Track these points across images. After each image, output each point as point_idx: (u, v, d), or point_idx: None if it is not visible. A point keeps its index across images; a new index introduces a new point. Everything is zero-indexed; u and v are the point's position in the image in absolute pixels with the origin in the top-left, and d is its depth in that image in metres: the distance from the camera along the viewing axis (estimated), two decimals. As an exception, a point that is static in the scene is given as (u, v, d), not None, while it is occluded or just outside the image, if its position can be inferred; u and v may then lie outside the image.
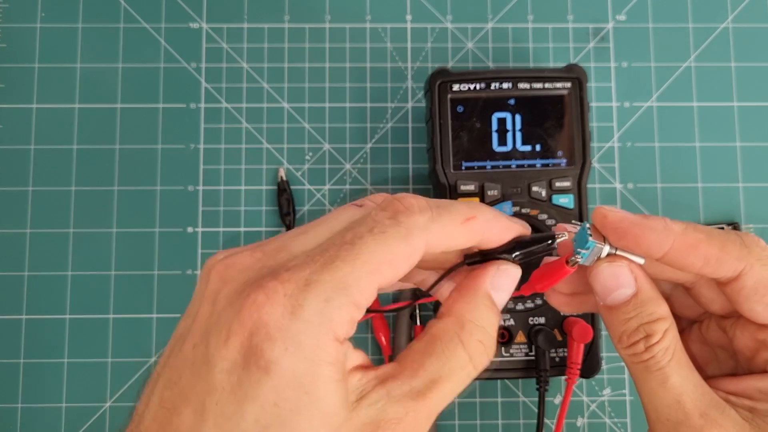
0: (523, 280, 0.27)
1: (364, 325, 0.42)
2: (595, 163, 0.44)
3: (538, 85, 0.40)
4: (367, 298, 0.22)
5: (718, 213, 0.44)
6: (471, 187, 0.39)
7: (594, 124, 0.44)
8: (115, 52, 0.44)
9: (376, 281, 0.22)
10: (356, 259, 0.21)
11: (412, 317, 0.41)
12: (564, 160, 0.39)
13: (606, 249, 0.25)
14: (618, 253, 0.25)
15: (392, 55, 0.45)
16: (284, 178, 0.43)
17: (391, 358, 0.41)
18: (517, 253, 0.26)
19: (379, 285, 0.22)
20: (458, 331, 0.23)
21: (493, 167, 0.39)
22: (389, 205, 0.23)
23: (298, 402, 0.21)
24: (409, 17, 0.45)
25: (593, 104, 0.44)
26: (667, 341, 0.25)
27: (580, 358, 0.37)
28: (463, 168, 0.39)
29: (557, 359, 0.39)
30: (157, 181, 0.43)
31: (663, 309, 0.25)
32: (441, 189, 0.39)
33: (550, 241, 0.26)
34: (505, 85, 0.39)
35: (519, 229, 0.26)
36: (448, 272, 0.26)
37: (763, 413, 0.24)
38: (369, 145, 0.44)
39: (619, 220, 0.25)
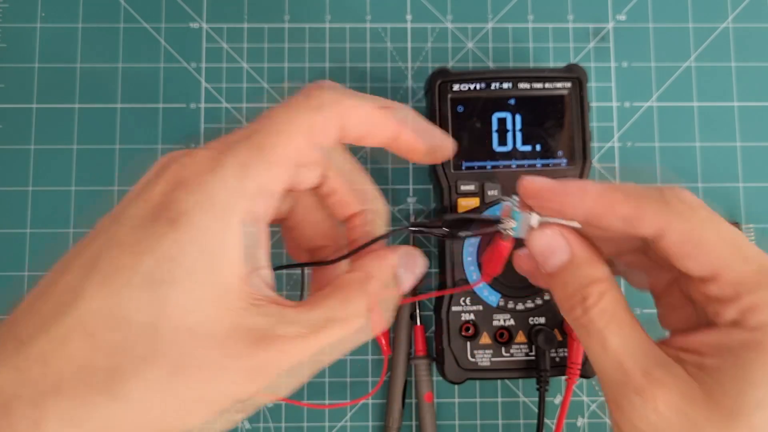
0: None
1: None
2: (596, 163, 0.44)
3: (539, 85, 0.40)
4: (285, 165, 0.22)
5: (718, 212, 0.44)
6: (471, 187, 0.39)
7: (594, 124, 0.44)
8: (115, 52, 0.44)
9: (290, 145, 0.22)
10: (269, 126, 0.22)
11: (412, 317, 0.41)
12: (564, 160, 0.39)
13: (534, 218, 0.25)
14: (551, 220, 0.25)
15: (392, 55, 0.45)
16: None
17: (391, 359, 0.41)
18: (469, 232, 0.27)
19: (296, 155, 0.23)
20: (363, 282, 0.24)
21: (493, 167, 0.39)
22: (305, 87, 0.24)
23: (196, 262, 0.20)
24: (409, 17, 0.45)
25: (593, 104, 0.44)
26: (605, 303, 0.25)
27: (580, 358, 0.37)
28: (463, 168, 0.39)
29: (557, 359, 0.39)
30: (157, 181, 0.43)
31: (599, 271, 0.25)
32: (441, 189, 0.39)
33: (497, 222, 0.26)
34: (505, 85, 0.39)
35: (440, 135, 0.27)
36: (391, 232, 0.27)
37: (710, 368, 0.23)
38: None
39: (537, 189, 0.25)
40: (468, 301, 0.39)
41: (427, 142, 0.26)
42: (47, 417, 0.19)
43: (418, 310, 0.41)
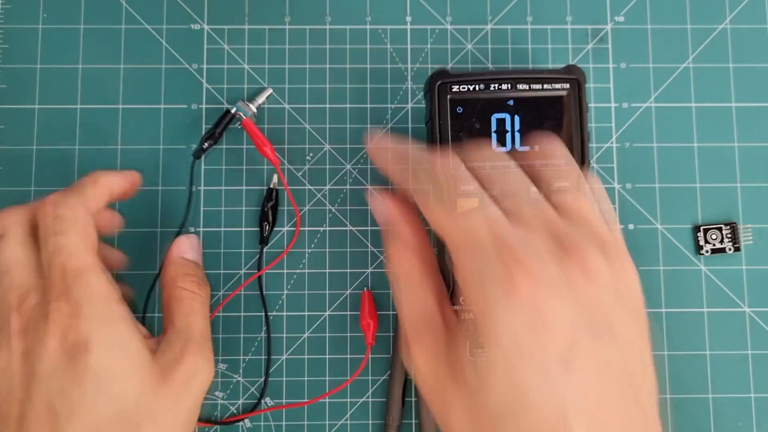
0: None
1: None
2: (594, 164, 0.44)
3: (537, 86, 0.40)
4: (94, 248, 0.32)
5: (716, 213, 0.44)
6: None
7: (593, 125, 0.44)
8: (117, 53, 0.45)
9: (91, 251, 0.32)
10: (71, 252, 0.31)
11: None
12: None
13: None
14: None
15: (392, 56, 0.45)
16: (275, 185, 0.43)
17: (390, 361, 0.41)
18: None
19: (93, 240, 0.32)
20: (172, 292, 0.35)
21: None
22: (44, 211, 0.33)
23: (117, 359, 0.30)
24: (408, 18, 0.45)
25: (592, 105, 0.45)
26: (401, 266, 0.32)
27: (578, 357, 0.38)
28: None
29: (556, 358, 0.39)
30: (159, 182, 0.43)
31: (406, 235, 0.32)
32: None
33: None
34: (504, 86, 0.40)
35: (130, 174, 0.38)
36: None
37: (465, 321, 0.29)
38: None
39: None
40: (467, 300, 0.39)
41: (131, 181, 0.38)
42: None
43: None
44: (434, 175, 0.31)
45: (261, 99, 0.43)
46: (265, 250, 0.43)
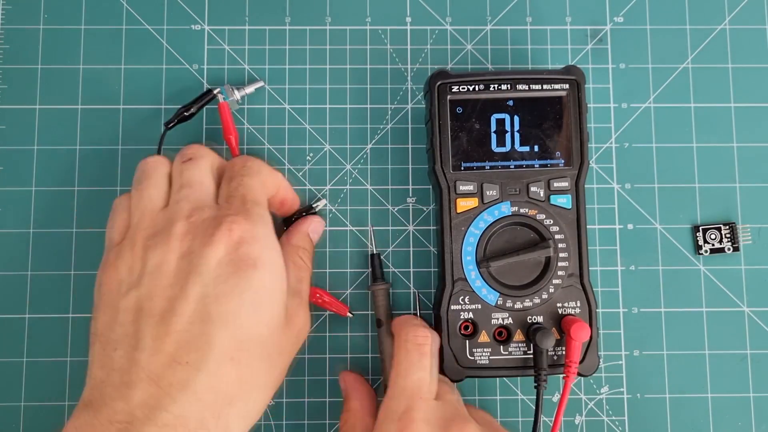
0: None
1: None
2: (593, 164, 0.44)
3: (537, 87, 0.40)
4: (268, 210, 0.36)
5: (715, 213, 0.44)
6: (470, 188, 0.39)
7: (592, 125, 0.44)
8: (118, 54, 0.45)
9: (265, 198, 0.36)
10: (252, 188, 0.35)
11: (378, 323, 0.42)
12: (562, 161, 0.40)
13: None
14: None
15: (392, 57, 0.45)
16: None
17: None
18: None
19: (267, 200, 0.36)
20: (294, 255, 0.38)
21: (491, 167, 0.40)
22: (234, 162, 0.37)
23: (277, 283, 0.33)
24: (408, 19, 0.45)
25: (591, 105, 0.45)
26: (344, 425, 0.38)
27: (578, 357, 0.38)
28: (462, 168, 0.40)
29: (555, 357, 0.39)
30: (159, 182, 0.43)
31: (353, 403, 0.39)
32: (440, 189, 0.40)
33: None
34: (503, 87, 0.40)
35: (296, 195, 0.41)
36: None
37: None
38: (369, 146, 0.44)
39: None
40: (467, 299, 0.39)
41: (293, 196, 0.41)
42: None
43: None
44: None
45: (250, 89, 0.44)
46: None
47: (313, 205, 0.42)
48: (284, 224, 0.41)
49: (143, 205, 0.35)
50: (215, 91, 0.43)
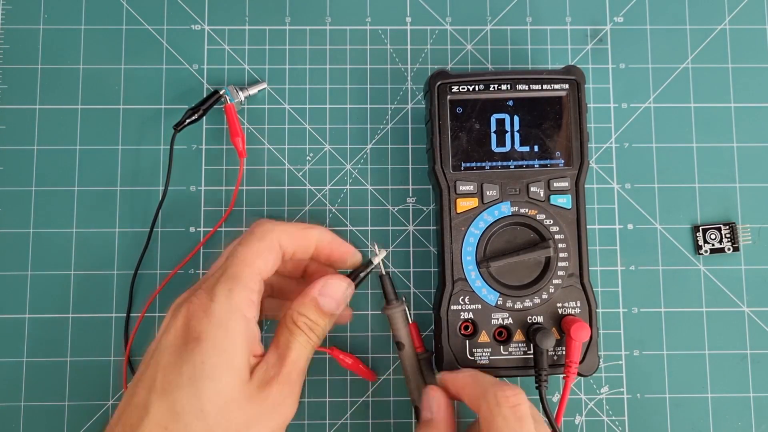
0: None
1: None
2: (593, 164, 0.44)
3: (537, 87, 0.40)
4: (255, 282, 0.34)
5: (715, 213, 0.44)
6: (470, 188, 0.39)
7: (592, 125, 0.44)
8: (118, 54, 0.45)
9: (254, 269, 0.34)
10: (236, 261, 0.34)
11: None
12: (562, 161, 0.40)
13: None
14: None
15: (392, 57, 0.45)
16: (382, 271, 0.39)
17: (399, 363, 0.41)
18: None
19: (259, 272, 0.34)
20: (288, 318, 0.35)
21: (491, 167, 0.40)
22: (250, 226, 0.36)
23: (218, 359, 0.31)
24: (408, 19, 0.45)
25: (591, 105, 0.45)
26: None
27: (578, 357, 0.38)
28: (462, 168, 0.40)
29: (555, 358, 0.39)
30: (159, 182, 0.43)
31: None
32: (440, 189, 0.40)
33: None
34: (503, 87, 0.40)
35: (350, 249, 0.38)
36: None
37: None
38: (369, 146, 0.44)
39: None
40: (467, 299, 0.39)
41: (338, 251, 0.38)
42: None
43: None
44: None
45: (253, 90, 0.44)
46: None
47: (372, 259, 0.37)
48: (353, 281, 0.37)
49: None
50: (221, 92, 0.43)
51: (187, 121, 0.42)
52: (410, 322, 0.39)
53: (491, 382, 0.34)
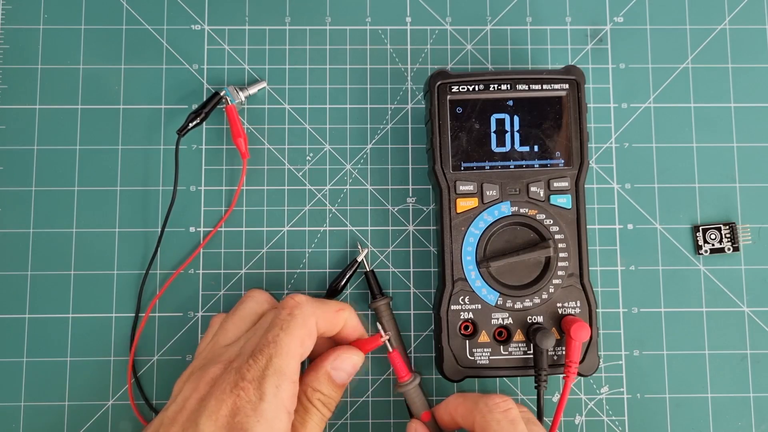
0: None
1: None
2: (593, 164, 0.44)
3: (537, 87, 0.40)
4: (296, 373, 0.34)
5: (715, 213, 0.44)
6: (470, 188, 0.39)
7: (592, 125, 0.44)
8: (118, 54, 0.45)
9: (297, 359, 0.34)
10: (281, 351, 0.33)
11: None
12: (562, 161, 0.40)
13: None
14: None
15: (392, 57, 0.45)
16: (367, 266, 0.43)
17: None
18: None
19: (299, 360, 0.34)
20: (302, 395, 0.36)
21: (491, 167, 0.40)
22: (285, 305, 0.36)
23: None
24: (408, 19, 0.45)
25: (591, 105, 0.45)
26: None
27: (578, 357, 0.38)
28: (462, 168, 0.40)
29: (555, 358, 0.39)
30: (159, 182, 0.44)
31: None
32: (440, 189, 0.40)
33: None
34: (503, 87, 0.40)
35: (362, 330, 0.39)
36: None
37: None
38: (369, 146, 0.44)
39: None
40: (467, 299, 0.39)
41: (357, 331, 0.39)
42: None
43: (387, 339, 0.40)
44: None
45: (253, 90, 0.43)
46: (265, 250, 0.43)
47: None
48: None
49: (217, 331, 0.38)
50: (221, 93, 0.42)
51: (191, 125, 0.42)
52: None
53: (479, 395, 0.36)
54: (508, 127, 0.40)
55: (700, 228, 0.43)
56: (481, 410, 0.35)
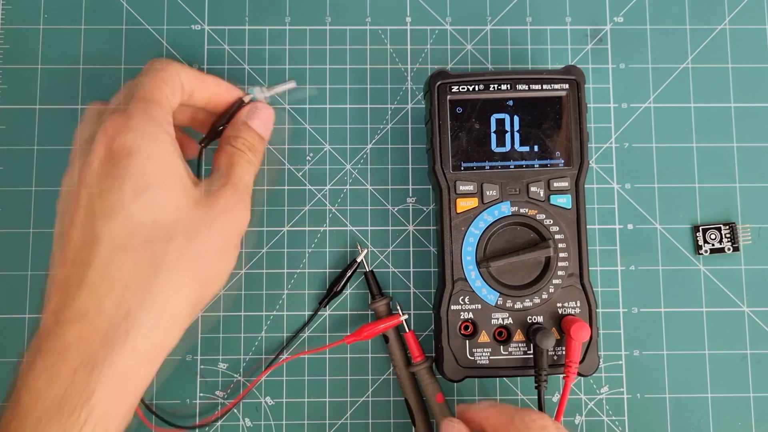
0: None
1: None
2: (593, 164, 0.44)
3: (537, 87, 0.40)
4: (167, 104, 0.33)
5: (715, 213, 0.44)
6: (470, 188, 0.39)
7: (592, 125, 0.44)
8: (118, 54, 0.45)
9: (164, 94, 0.33)
10: (143, 86, 0.33)
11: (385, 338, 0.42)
12: (562, 161, 0.40)
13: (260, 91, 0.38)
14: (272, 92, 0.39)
15: (392, 57, 0.45)
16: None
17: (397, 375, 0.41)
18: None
19: (167, 98, 0.34)
20: (225, 144, 0.36)
21: (491, 167, 0.40)
22: (146, 64, 0.35)
23: (157, 166, 0.31)
24: (408, 19, 0.45)
25: (591, 105, 0.45)
26: None
27: (578, 357, 0.38)
28: (462, 168, 0.40)
29: (555, 358, 0.39)
30: (159, 182, 0.43)
31: None
32: (440, 189, 0.40)
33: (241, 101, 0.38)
34: (503, 87, 0.40)
35: (236, 89, 0.38)
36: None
37: None
38: (369, 146, 0.44)
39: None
40: (467, 299, 0.39)
41: (234, 92, 0.38)
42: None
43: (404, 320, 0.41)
44: None
45: (279, 89, 0.40)
46: (265, 250, 0.43)
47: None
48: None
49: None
50: (246, 100, 0.38)
51: (213, 135, 0.38)
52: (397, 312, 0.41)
53: (515, 408, 0.35)
54: (508, 127, 0.40)
55: (700, 228, 0.43)
56: (517, 426, 0.34)
